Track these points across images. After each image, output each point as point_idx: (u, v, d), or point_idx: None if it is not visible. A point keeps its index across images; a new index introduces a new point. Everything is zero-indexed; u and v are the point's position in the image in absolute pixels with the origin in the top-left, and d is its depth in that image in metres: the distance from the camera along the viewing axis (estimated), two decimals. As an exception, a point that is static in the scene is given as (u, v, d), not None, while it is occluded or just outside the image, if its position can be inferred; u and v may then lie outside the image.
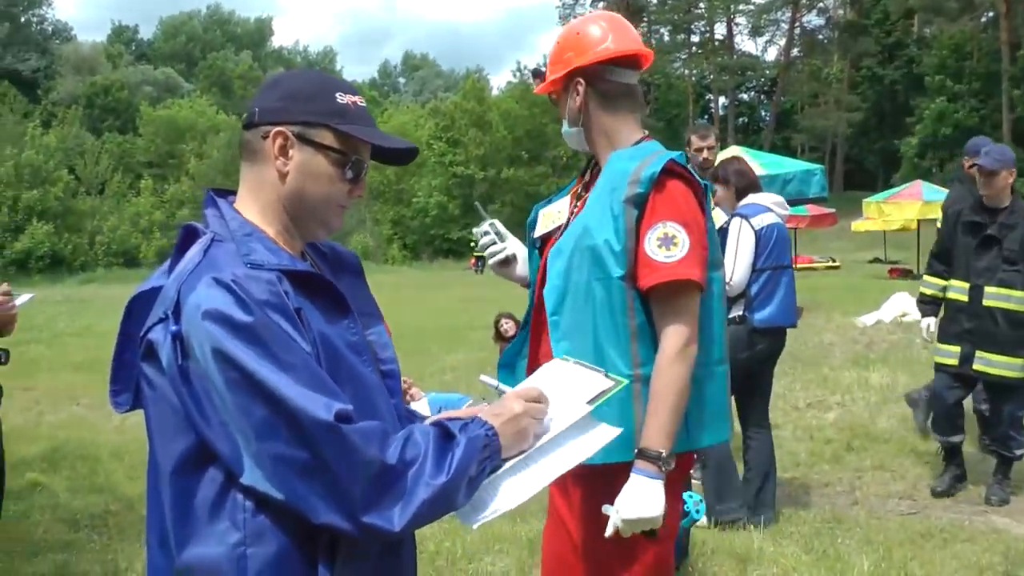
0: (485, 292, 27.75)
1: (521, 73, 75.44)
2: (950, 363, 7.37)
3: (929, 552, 6.17)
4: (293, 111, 2.19)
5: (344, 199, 2.25)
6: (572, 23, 3.60)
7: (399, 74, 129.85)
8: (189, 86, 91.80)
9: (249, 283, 1.95)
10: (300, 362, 1.92)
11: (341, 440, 1.87)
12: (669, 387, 3.04)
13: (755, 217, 6.60)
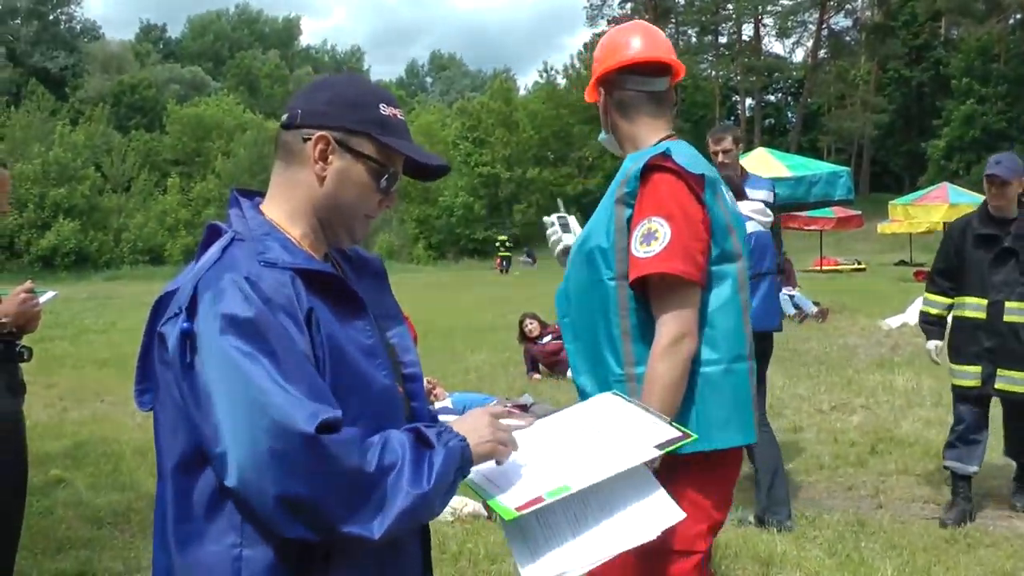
0: (510, 292, 27.81)
1: (548, 73, 75.46)
2: (972, 385, 7.00)
3: (953, 557, 6.14)
4: (337, 117, 2.20)
5: (373, 209, 2.28)
6: (609, 30, 3.67)
7: (426, 73, 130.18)
8: (216, 84, 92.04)
9: (260, 281, 1.97)
10: (296, 365, 1.92)
11: (321, 452, 1.86)
12: (654, 383, 3.03)
13: None
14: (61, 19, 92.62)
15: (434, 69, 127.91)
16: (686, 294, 3.07)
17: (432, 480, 1.97)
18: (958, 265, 7.12)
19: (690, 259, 3.05)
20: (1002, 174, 6.82)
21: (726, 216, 3.21)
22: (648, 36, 3.48)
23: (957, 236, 7.19)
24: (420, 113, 79.35)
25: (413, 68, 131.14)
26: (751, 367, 3.25)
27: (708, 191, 3.16)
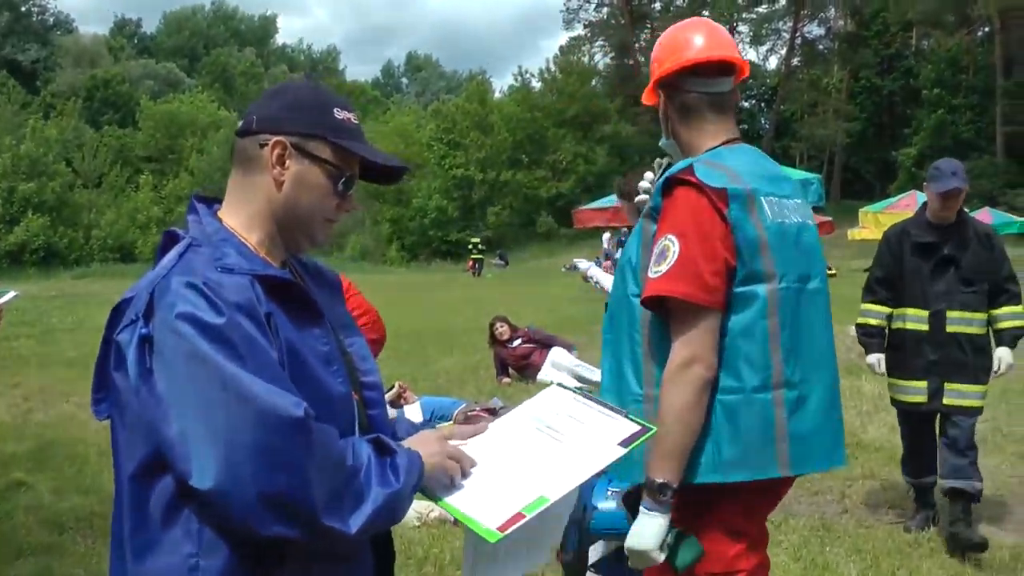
0: (482, 294, 27.81)
1: (523, 76, 75.47)
2: (918, 401, 6.69)
3: (916, 561, 6.19)
4: (292, 122, 2.21)
5: (333, 213, 2.28)
6: (669, 28, 3.49)
7: (402, 74, 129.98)
8: (191, 81, 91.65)
9: (220, 286, 1.97)
10: (267, 365, 1.93)
11: (310, 437, 1.88)
12: (664, 413, 2.87)
13: None
14: (33, 11, 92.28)
15: (410, 70, 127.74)
16: (696, 317, 2.89)
17: (402, 478, 2.00)
18: (897, 275, 6.80)
19: (697, 280, 2.87)
20: (961, 186, 6.51)
21: (760, 233, 2.96)
22: (711, 33, 3.30)
23: (894, 244, 6.88)
24: (395, 114, 79.35)
25: (389, 69, 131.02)
26: (780, 397, 2.97)
27: (735, 206, 2.93)
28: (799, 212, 3.16)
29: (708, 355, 2.89)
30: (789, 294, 3.00)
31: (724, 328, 2.93)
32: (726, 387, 2.93)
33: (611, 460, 2.32)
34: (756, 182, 3.03)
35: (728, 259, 2.91)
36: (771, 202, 3.05)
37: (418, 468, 2.08)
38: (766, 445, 2.95)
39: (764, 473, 2.96)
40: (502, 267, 50.71)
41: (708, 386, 2.90)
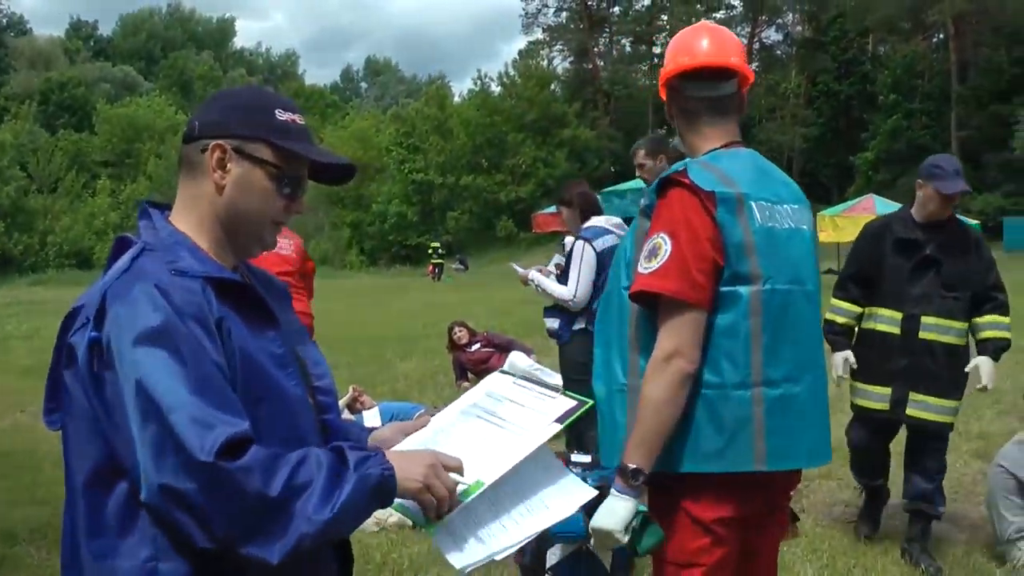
0: (441, 299, 27.76)
1: (482, 81, 75.50)
2: (878, 408, 6.30)
3: (872, 559, 6.26)
4: (232, 125, 2.21)
5: (280, 215, 2.27)
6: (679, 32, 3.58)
7: (361, 79, 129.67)
8: (148, 85, 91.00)
9: (170, 290, 1.97)
10: (206, 376, 1.92)
11: (219, 478, 1.85)
12: (643, 401, 2.99)
13: (597, 239, 7.18)
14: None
15: (369, 74, 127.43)
16: (682, 313, 2.98)
17: (335, 508, 1.93)
18: (873, 272, 6.33)
19: (686, 278, 2.96)
20: (967, 188, 6.17)
21: (747, 236, 3.04)
22: (713, 38, 3.38)
23: (873, 240, 6.41)
24: (355, 119, 79.08)
25: (348, 73, 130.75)
26: (759, 394, 3.04)
27: (722, 208, 3.02)
28: (793, 217, 3.23)
29: (690, 350, 2.98)
30: (774, 296, 3.07)
31: (709, 326, 3.02)
32: (708, 382, 3.02)
33: (547, 436, 2.36)
34: (747, 186, 3.11)
35: (716, 259, 3.00)
36: (761, 206, 3.11)
37: (367, 491, 2.01)
38: (744, 440, 3.02)
39: (740, 466, 3.03)
40: (462, 271, 50.67)
41: (688, 380, 2.98)
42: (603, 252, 7.09)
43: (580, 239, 7.29)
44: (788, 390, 3.08)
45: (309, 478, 1.93)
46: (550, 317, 7.68)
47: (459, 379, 13.31)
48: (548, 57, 78.54)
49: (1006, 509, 6.08)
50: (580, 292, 7.13)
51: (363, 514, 2.04)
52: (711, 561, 3.11)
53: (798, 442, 3.11)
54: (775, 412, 3.04)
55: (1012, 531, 6.04)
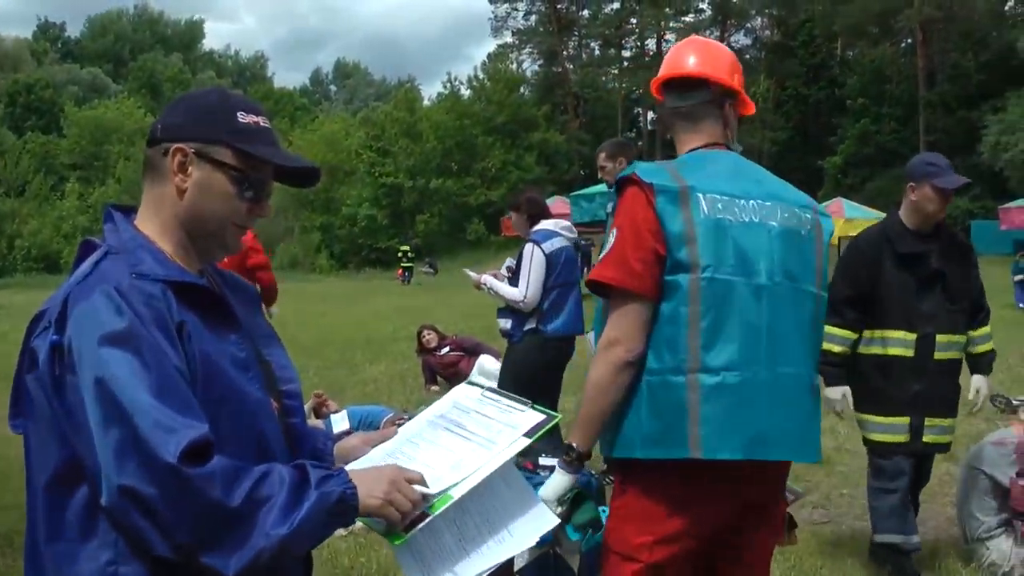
0: (411, 302, 27.73)
1: (452, 84, 75.47)
2: (899, 440, 5.74)
3: (840, 560, 6.30)
4: (193, 128, 2.20)
5: (243, 218, 2.26)
6: None
7: (330, 82, 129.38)
8: (117, 87, 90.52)
9: (131, 293, 1.97)
10: (168, 379, 1.92)
11: (181, 482, 1.85)
12: (586, 385, 3.15)
13: (546, 242, 7.58)
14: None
15: (338, 77, 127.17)
16: (623, 301, 3.12)
17: (294, 524, 1.94)
18: (871, 291, 5.75)
19: (623, 267, 3.11)
20: (959, 183, 5.79)
21: (688, 227, 3.11)
22: (681, 50, 3.56)
23: (870, 256, 5.82)
24: (324, 122, 78.85)
25: (317, 76, 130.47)
26: (695, 380, 3.08)
27: (662, 199, 3.11)
28: (760, 212, 3.26)
29: (629, 338, 3.10)
30: (714, 284, 3.09)
31: (656, 314, 3.11)
32: (650, 368, 3.11)
33: (517, 451, 2.36)
34: (701, 181, 3.19)
35: (656, 248, 3.09)
36: (713, 199, 3.17)
37: (327, 509, 2.01)
38: (680, 426, 3.06)
39: (676, 453, 3.07)
40: (431, 275, 50.59)
41: (627, 367, 3.10)
42: (552, 254, 7.51)
43: (529, 242, 7.64)
44: (727, 379, 3.09)
45: (271, 492, 1.94)
46: (503, 318, 7.91)
47: (428, 383, 13.29)
48: (517, 60, 78.68)
49: (979, 510, 6.11)
50: (530, 293, 7.47)
51: (323, 532, 2.05)
52: (651, 560, 3.15)
53: (737, 432, 3.09)
54: (711, 399, 3.06)
55: (982, 531, 6.08)
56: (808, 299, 3.28)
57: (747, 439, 3.11)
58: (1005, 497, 6.02)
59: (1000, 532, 6.05)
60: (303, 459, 2.17)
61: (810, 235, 3.35)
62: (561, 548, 4.67)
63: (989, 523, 6.08)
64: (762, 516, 3.34)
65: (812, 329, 3.32)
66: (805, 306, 3.27)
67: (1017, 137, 45.67)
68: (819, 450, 3.38)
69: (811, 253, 3.33)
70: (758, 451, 3.13)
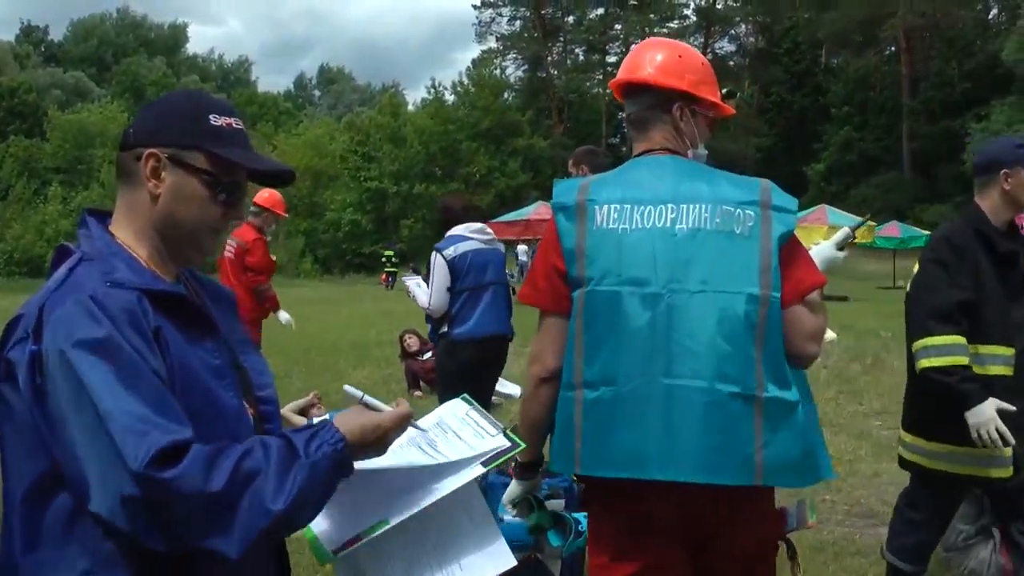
0: (395, 307, 27.68)
1: (436, 89, 75.51)
2: (1000, 476, 4.70)
3: (820, 566, 6.30)
4: (165, 133, 2.18)
5: (218, 222, 2.24)
6: None
7: (314, 87, 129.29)
8: (100, 91, 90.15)
9: (107, 301, 1.95)
10: (146, 383, 1.91)
11: (152, 488, 1.83)
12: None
13: (448, 248, 7.66)
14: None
15: (322, 83, 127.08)
16: (543, 319, 3.21)
17: (290, 499, 1.92)
18: (974, 299, 4.70)
19: (532, 284, 3.22)
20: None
21: (578, 241, 3.08)
22: (630, 57, 3.48)
23: (969, 256, 4.77)
24: (308, 127, 78.79)
25: (301, 81, 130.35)
26: (579, 396, 3.03)
27: (560, 216, 3.15)
28: (669, 216, 3.08)
29: (543, 354, 3.17)
30: (594, 297, 3.03)
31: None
32: (561, 384, 3.13)
33: (468, 479, 2.32)
34: (604, 192, 3.14)
35: (557, 265, 3.13)
36: (610, 209, 3.09)
37: (322, 475, 1.99)
38: (568, 442, 3.08)
39: (566, 468, 3.12)
40: (415, 280, 50.59)
41: (542, 383, 3.18)
42: (454, 259, 7.62)
43: (434, 249, 7.79)
44: (604, 393, 2.99)
45: (257, 467, 1.92)
46: (428, 322, 8.20)
47: (411, 387, 13.28)
48: (502, 66, 78.77)
49: (958, 518, 6.11)
50: (433, 300, 7.67)
51: (326, 491, 2.04)
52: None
53: (611, 448, 2.97)
54: (589, 415, 3.02)
55: (960, 539, 6.09)
56: (738, 302, 2.97)
57: (622, 456, 2.97)
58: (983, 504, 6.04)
59: (979, 540, 6.05)
60: None
61: (751, 232, 3.05)
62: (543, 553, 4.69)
63: (968, 531, 6.09)
64: (727, 536, 3.11)
65: (745, 334, 2.97)
66: (731, 310, 2.97)
67: (1000, 145, 45.83)
68: (755, 472, 2.95)
69: (749, 252, 3.03)
70: (636, 469, 2.96)
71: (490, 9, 78.67)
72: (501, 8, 78.74)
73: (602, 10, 77.26)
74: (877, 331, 16.29)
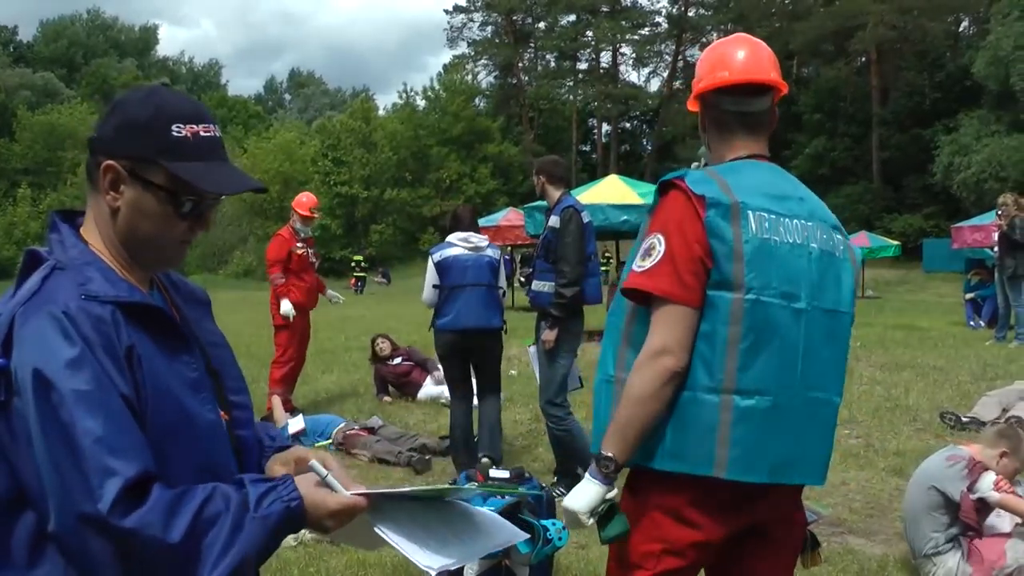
0: (363, 312, 27.65)
1: (407, 94, 75.48)
2: None
3: (807, 572, 6.28)
4: (124, 144, 2.08)
5: (184, 235, 2.16)
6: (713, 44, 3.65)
7: (285, 90, 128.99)
8: (70, 92, 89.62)
9: (79, 316, 1.91)
10: (113, 411, 1.87)
11: (112, 532, 1.82)
12: (627, 392, 3.02)
13: (436, 252, 8.99)
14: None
15: (293, 86, 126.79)
16: (673, 312, 3.00)
17: (239, 556, 1.90)
18: None
19: (676, 279, 2.99)
20: None
21: (737, 244, 3.01)
22: (750, 53, 3.43)
23: None
24: (279, 130, 78.63)
25: (272, 85, 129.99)
26: (729, 401, 3.01)
27: (712, 213, 3.01)
28: (802, 233, 3.19)
29: (678, 348, 2.98)
30: (757, 307, 3.01)
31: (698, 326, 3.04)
32: (686, 383, 3.02)
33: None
34: (750, 196, 3.09)
35: (705, 261, 3.00)
36: (761, 217, 3.08)
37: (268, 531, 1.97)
38: (706, 445, 3.00)
39: (698, 469, 3.01)
40: (384, 285, 50.54)
41: (674, 377, 2.99)
42: (440, 262, 8.86)
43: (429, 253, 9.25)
44: (760, 402, 3.03)
45: (214, 518, 1.90)
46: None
47: (379, 392, 13.23)
48: (473, 71, 78.85)
49: (929, 526, 6.13)
50: (424, 295, 9.00)
51: (272, 545, 2.00)
52: (658, 569, 3.10)
53: (765, 456, 3.05)
54: (743, 422, 3.00)
55: (930, 547, 6.11)
56: (843, 322, 3.25)
57: (774, 463, 3.07)
58: (955, 512, 6.06)
59: (948, 548, 6.08)
60: (251, 471, 2.17)
61: (844, 256, 3.31)
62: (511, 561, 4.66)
63: (938, 539, 6.11)
64: (770, 534, 3.28)
65: (844, 353, 3.30)
66: (839, 330, 3.25)
67: (969, 159, 46.26)
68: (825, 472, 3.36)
69: (846, 274, 3.29)
70: (783, 475, 3.11)
71: (462, 14, 78.69)
72: (473, 13, 78.78)
73: (573, 17, 77.36)
74: (845, 340, 16.35)
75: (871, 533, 7.27)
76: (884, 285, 41.00)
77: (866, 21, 57.01)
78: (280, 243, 11.77)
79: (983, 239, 23.73)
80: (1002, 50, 45.30)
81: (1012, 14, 46.21)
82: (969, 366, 13.48)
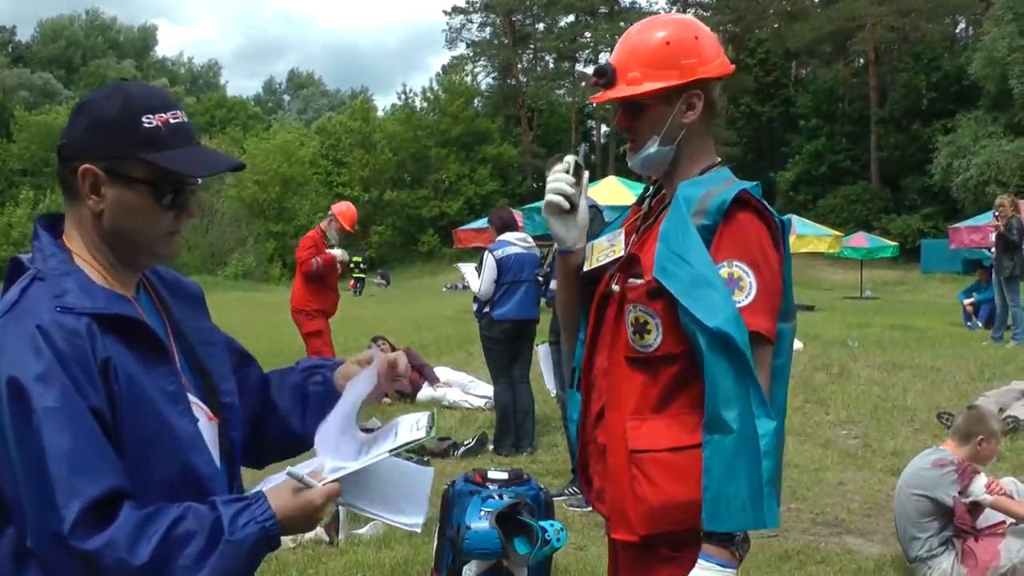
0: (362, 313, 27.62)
1: (407, 95, 75.40)
2: None
3: (787, 573, 6.33)
4: (98, 145, 2.05)
5: (172, 226, 2.13)
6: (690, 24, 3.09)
7: (284, 91, 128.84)
8: (68, 93, 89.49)
9: (52, 331, 1.89)
10: (82, 428, 1.87)
11: (78, 555, 1.82)
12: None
13: (497, 250, 9.80)
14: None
15: (292, 87, 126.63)
16: (766, 353, 2.64)
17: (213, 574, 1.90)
18: None
19: (771, 316, 2.65)
20: None
21: (787, 269, 2.78)
22: (709, 38, 3.03)
23: None
24: (278, 131, 78.56)
25: (271, 85, 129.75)
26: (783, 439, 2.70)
27: (783, 238, 2.76)
28: None
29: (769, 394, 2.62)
30: (787, 333, 2.77)
31: None
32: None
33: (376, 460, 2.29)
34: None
35: (781, 293, 2.73)
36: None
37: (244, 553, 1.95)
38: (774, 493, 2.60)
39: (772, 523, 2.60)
40: (383, 286, 50.50)
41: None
42: (501, 259, 9.67)
43: (486, 250, 10.07)
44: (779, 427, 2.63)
45: (183, 541, 1.90)
46: (475, 302, 10.44)
47: (379, 395, 13.24)
48: (472, 72, 78.75)
49: (920, 531, 6.15)
50: (484, 288, 9.78)
51: (249, 568, 2.01)
52: None
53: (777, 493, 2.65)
54: (777, 451, 2.61)
55: (924, 551, 6.13)
56: None
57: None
58: (947, 517, 6.08)
59: (942, 551, 6.09)
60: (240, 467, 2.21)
61: None
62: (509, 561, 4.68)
63: (931, 543, 6.13)
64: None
65: None
66: None
67: (968, 161, 46.32)
68: None
69: None
70: None
71: (461, 15, 78.55)
72: (472, 15, 78.68)
73: (572, 18, 77.32)
74: (844, 340, 16.35)
75: (869, 533, 7.30)
76: (882, 285, 41.02)
77: (865, 22, 57.07)
78: (305, 244, 12.85)
79: (980, 240, 23.76)
80: (997, 52, 45.44)
81: (1006, 16, 46.32)
82: (966, 366, 13.50)
